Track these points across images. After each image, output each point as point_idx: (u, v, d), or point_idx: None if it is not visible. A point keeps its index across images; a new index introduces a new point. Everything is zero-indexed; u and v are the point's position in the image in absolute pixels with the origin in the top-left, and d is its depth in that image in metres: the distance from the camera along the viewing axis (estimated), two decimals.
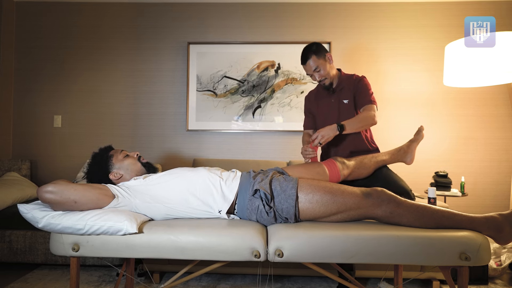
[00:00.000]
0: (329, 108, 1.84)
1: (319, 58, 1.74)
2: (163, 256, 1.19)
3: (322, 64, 1.75)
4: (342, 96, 1.81)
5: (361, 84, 1.78)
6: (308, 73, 1.79)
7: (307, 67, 1.77)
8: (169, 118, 2.89)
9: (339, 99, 1.81)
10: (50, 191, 1.17)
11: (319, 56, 1.74)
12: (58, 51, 2.92)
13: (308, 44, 1.78)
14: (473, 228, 1.20)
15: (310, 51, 1.74)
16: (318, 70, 1.75)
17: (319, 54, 1.74)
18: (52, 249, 1.22)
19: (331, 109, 1.83)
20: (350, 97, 1.79)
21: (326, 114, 1.86)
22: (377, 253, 1.15)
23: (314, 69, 1.75)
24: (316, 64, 1.74)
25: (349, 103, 1.79)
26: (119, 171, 1.47)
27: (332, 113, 1.83)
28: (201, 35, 2.89)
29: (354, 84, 1.79)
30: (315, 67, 1.74)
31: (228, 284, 2.07)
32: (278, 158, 2.84)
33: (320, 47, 1.76)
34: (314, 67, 1.74)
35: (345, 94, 1.80)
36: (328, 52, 1.78)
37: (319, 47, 1.76)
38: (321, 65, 1.74)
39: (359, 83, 1.78)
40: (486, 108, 2.76)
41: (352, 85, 1.79)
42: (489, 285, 2.08)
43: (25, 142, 2.92)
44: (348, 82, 1.81)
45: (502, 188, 2.72)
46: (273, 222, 1.32)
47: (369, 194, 1.26)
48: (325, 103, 1.87)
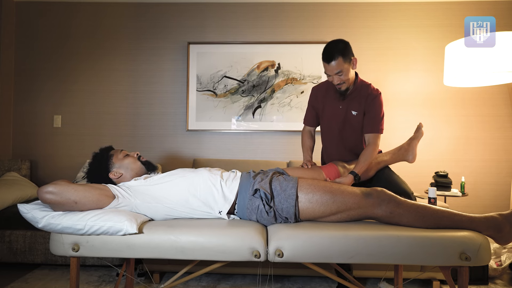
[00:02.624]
0: (335, 115, 1.72)
1: (345, 62, 1.52)
2: (163, 256, 1.19)
3: (346, 69, 1.54)
4: (352, 107, 1.67)
5: (375, 103, 1.64)
6: (328, 73, 1.57)
7: (329, 67, 1.54)
8: (169, 118, 2.89)
9: (348, 108, 1.68)
10: (50, 192, 1.17)
11: (346, 59, 1.52)
12: (58, 51, 2.91)
13: (334, 40, 1.56)
14: (473, 228, 1.20)
15: (337, 51, 1.51)
16: (340, 74, 1.54)
17: (346, 56, 1.52)
18: (52, 249, 1.22)
19: (337, 116, 1.71)
20: (360, 111, 1.66)
21: (330, 120, 1.75)
22: (377, 253, 1.15)
23: (337, 72, 1.54)
24: (340, 68, 1.52)
25: (357, 116, 1.67)
26: (119, 170, 1.47)
27: (336, 121, 1.72)
28: (201, 35, 2.89)
29: (368, 100, 1.64)
30: (338, 70, 1.53)
31: (228, 284, 2.07)
32: (278, 158, 2.84)
33: (348, 48, 1.55)
34: (338, 70, 1.53)
35: (356, 105, 1.66)
36: (354, 56, 1.58)
37: (347, 47, 1.54)
38: (345, 69, 1.53)
39: (373, 101, 1.64)
40: (486, 108, 2.76)
41: (365, 99, 1.65)
42: (489, 285, 2.08)
43: (25, 142, 2.92)
44: (362, 93, 1.66)
45: (502, 188, 2.72)
46: (273, 222, 1.32)
47: (369, 194, 1.26)
48: (331, 107, 1.73)
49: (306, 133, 1.88)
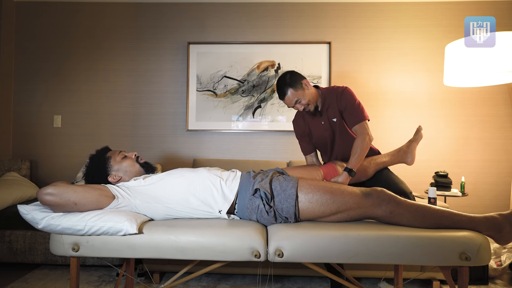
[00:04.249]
0: (322, 129, 1.75)
1: (297, 90, 1.61)
2: (163, 256, 1.19)
3: (301, 94, 1.62)
4: (330, 116, 1.71)
5: (345, 97, 1.66)
6: (289, 106, 1.67)
7: (286, 101, 1.65)
8: (169, 118, 2.89)
9: (328, 119, 1.72)
10: (50, 193, 1.17)
11: (296, 88, 1.61)
12: (58, 50, 2.91)
13: (280, 76, 1.66)
14: (473, 228, 1.20)
15: (285, 85, 1.61)
16: (299, 101, 1.63)
17: (295, 85, 1.61)
18: (52, 249, 1.22)
19: (325, 130, 1.74)
20: (337, 115, 1.69)
21: (320, 136, 1.77)
22: (377, 253, 1.15)
23: (295, 102, 1.63)
24: (295, 97, 1.62)
25: (338, 121, 1.70)
26: (117, 173, 1.46)
27: (327, 134, 1.74)
28: (201, 35, 2.89)
29: (337, 99, 1.68)
30: (296, 100, 1.62)
31: (228, 284, 2.07)
32: (278, 158, 2.84)
33: (295, 77, 1.63)
34: (294, 100, 1.62)
35: (332, 112, 1.70)
36: (305, 79, 1.66)
37: (293, 76, 1.63)
38: (300, 95, 1.62)
39: (342, 97, 1.66)
40: (486, 108, 2.76)
41: (335, 101, 1.68)
42: (489, 285, 2.08)
43: (25, 142, 2.92)
44: (331, 98, 1.69)
45: (502, 188, 2.72)
46: (273, 221, 1.32)
47: (369, 193, 1.26)
48: (316, 125, 1.77)
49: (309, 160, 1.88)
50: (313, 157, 1.86)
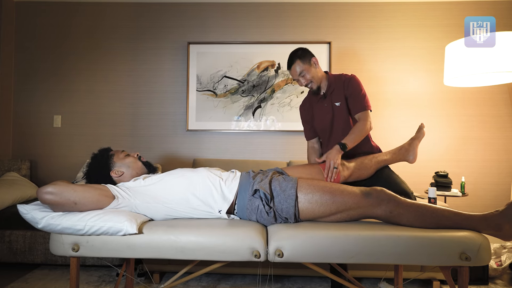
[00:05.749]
0: (324, 112, 1.83)
1: (304, 63, 1.73)
2: (163, 256, 1.19)
3: (307, 69, 1.74)
4: (334, 99, 1.79)
5: (352, 84, 1.75)
6: (294, 78, 1.79)
7: (292, 71, 1.77)
8: (169, 118, 2.89)
9: (332, 102, 1.80)
10: (50, 192, 1.17)
11: (304, 61, 1.74)
12: (58, 50, 2.91)
13: (294, 49, 1.79)
14: (472, 227, 1.20)
15: (295, 56, 1.75)
16: (303, 74, 1.74)
17: (303, 58, 1.74)
18: (52, 249, 1.22)
19: (325, 113, 1.82)
20: (341, 99, 1.77)
21: (321, 118, 1.84)
22: (377, 253, 1.15)
23: (299, 74, 1.75)
24: (301, 69, 1.73)
25: (341, 105, 1.77)
26: (120, 169, 1.48)
27: (327, 117, 1.81)
28: (201, 35, 2.88)
29: (344, 85, 1.77)
30: (300, 72, 1.74)
31: (228, 284, 2.07)
32: (278, 158, 2.84)
33: (306, 52, 1.76)
34: (299, 71, 1.74)
35: (336, 96, 1.78)
36: (314, 57, 1.78)
37: (304, 51, 1.76)
38: (306, 69, 1.74)
39: (349, 84, 1.75)
40: (486, 108, 2.76)
41: (342, 86, 1.77)
42: (489, 285, 2.08)
43: (25, 142, 2.92)
44: (337, 83, 1.79)
45: (502, 188, 2.72)
46: (273, 222, 1.32)
47: (369, 193, 1.26)
48: (319, 108, 1.85)
49: (310, 149, 1.98)
50: (314, 143, 1.96)
